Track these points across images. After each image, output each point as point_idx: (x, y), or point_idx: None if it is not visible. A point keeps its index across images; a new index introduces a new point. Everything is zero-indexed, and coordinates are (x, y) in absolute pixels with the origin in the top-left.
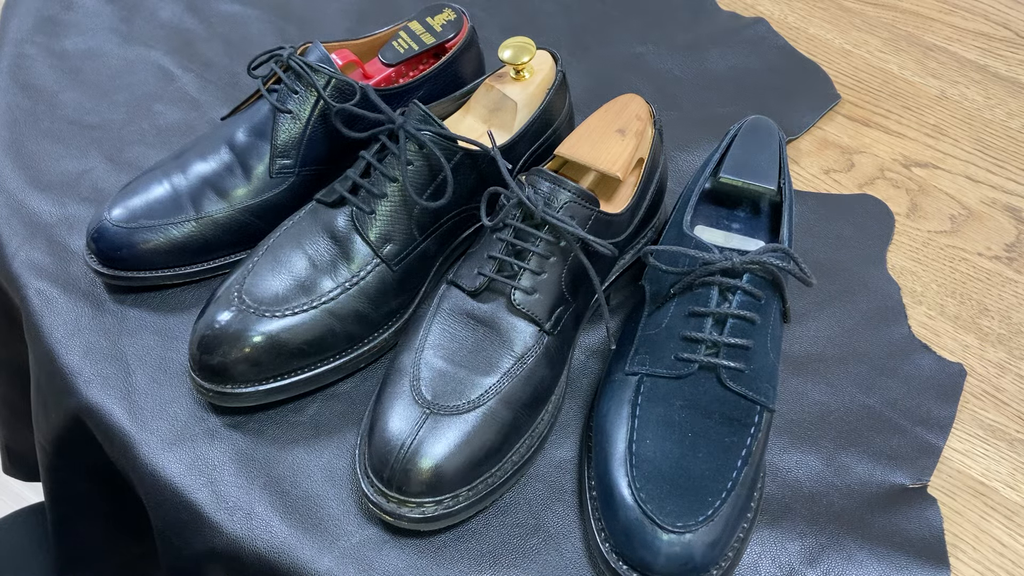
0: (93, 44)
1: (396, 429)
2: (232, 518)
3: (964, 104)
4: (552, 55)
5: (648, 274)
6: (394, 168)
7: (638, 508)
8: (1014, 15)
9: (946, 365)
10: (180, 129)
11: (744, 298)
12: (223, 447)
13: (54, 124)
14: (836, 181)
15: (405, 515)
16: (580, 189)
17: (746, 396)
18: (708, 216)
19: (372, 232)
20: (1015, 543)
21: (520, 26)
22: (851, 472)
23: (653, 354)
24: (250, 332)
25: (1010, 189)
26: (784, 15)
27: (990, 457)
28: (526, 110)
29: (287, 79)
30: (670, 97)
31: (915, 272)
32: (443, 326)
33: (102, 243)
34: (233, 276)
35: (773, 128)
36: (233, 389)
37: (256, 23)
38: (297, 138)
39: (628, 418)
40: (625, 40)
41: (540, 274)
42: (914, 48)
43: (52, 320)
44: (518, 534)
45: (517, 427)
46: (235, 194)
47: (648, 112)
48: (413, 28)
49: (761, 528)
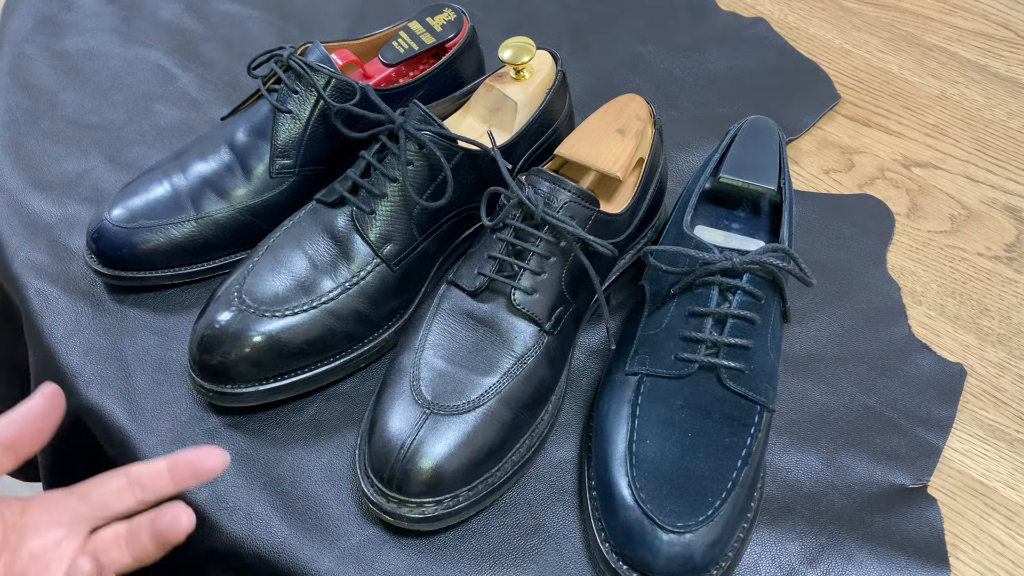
0: (93, 44)
1: (396, 429)
2: (232, 518)
3: (964, 104)
4: (552, 55)
5: (648, 274)
6: (394, 168)
7: (638, 508)
8: (1014, 15)
9: (946, 365)
10: (180, 129)
11: (744, 298)
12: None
13: (54, 124)
14: (836, 181)
15: (405, 515)
16: (580, 189)
17: (746, 396)
18: (708, 216)
19: (372, 232)
20: (1015, 543)
21: (520, 26)
22: (851, 472)
23: (653, 354)
24: (250, 332)
25: (1010, 189)
26: (784, 15)
27: (990, 457)
28: (526, 110)
29: (287, 79)
30: (670, 97)
31: (915, 272)
32: (443, 326)
33: (102, 243)
34: (233, 276)
35: (773, 128)
36: (233, 389)
37: (256, 23)
38: (297, 138)
39: (628, 418)
40: (625, 40)
41: (540, 274)
42: (914, 48)
43: (52, 320)
44: (518, 534)
45: (517, 427)
46: (235, 194)
47: (648, 112)
48: (413, 28)
49: (761, 528)
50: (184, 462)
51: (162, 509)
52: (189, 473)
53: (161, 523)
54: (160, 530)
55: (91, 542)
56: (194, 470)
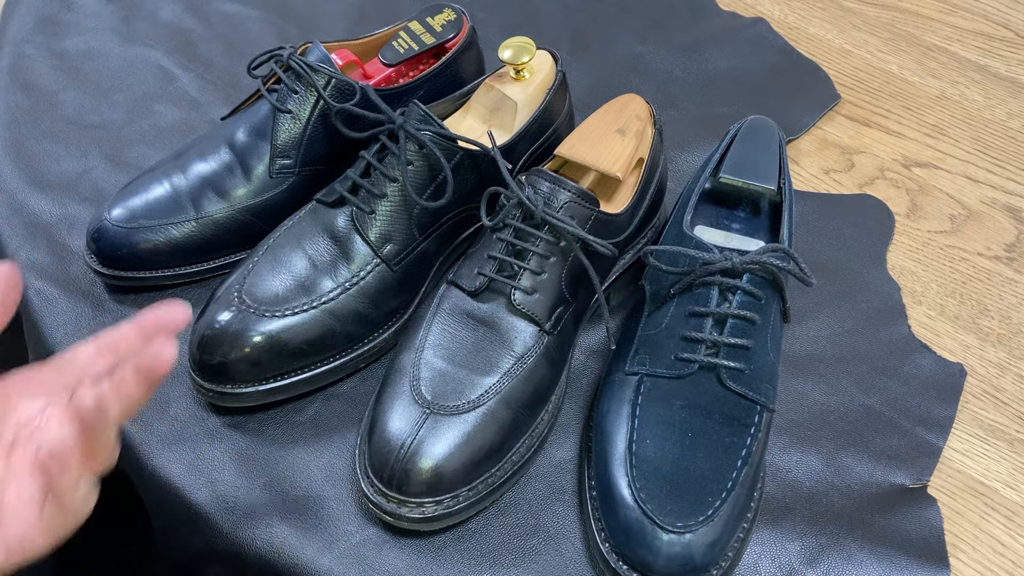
0: (93, 44)
1: (396, 429)
2: (232, 518)
3: (964, 104)
4: (552, 55)
5: (648, 274)
6: (394, 168)
7: (638, 508)
8: (1014, 15)
9: (946, 365)
10: (180, 129)
11: (744, 298)
12: (223, 447)
13: (54, 124)
14: (836, 181)
15: (405, 515)
16: (580, 189)
17: (746, 396)
18: (708, 216)
19: (372, 232)
20: (1015, 543)
21: (520, 26)
22: (851, 472)
23: (653, 354)
24: (250, 332)
25: (1010, 189)
26: (784, 15)
27: (990, 457)
28: (526, 110)
29: (287, 79)
30: (670, 97)
31: (915, 272)
32: (443, 326)
33: (102, 243)
34: (233, 276)
35: (773, 128)
36: (233, 389)
37: (256, 23)
38: (297, 138)
39: (628, 418)
40: (625, 40)
41: (540, 274)
42: (914, 48)
43: (52, 320)
44: (518, 534)
45: (517, 427)
46: (235, 194)
47: (648, 112)
48: (413, 28)
49: (761, 528)
50: (151, 319)
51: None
52: (156, 328)
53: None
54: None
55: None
56: (160, 324)
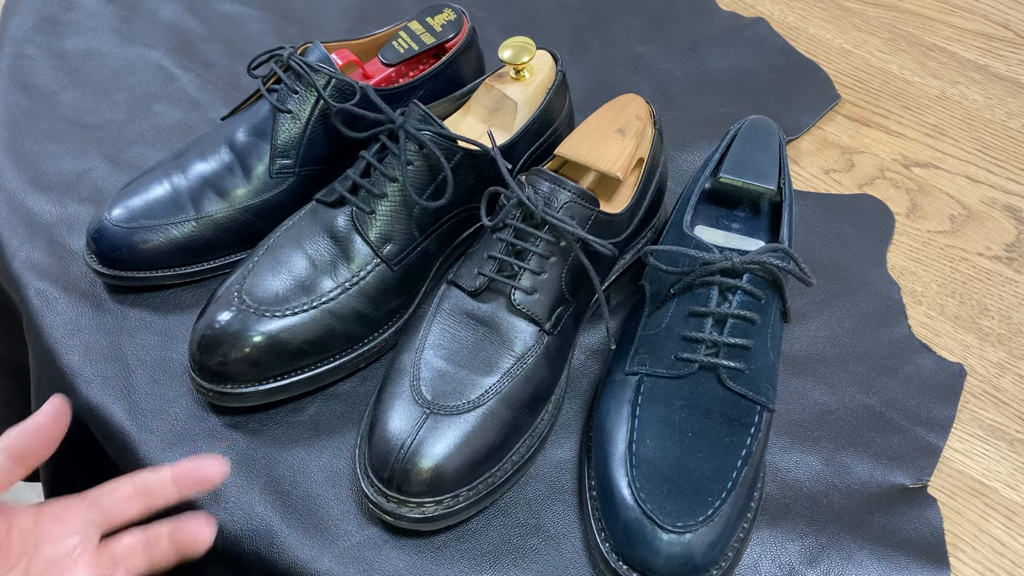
0: (93, 44)
1: (396, 429)
2: (232, 518)
3: (964, 104)
4: (552, 55)
5: (648, 274)
6: (394, 168)
7: (638, 508)
8: (1014, 15)
9: (946, 365)
10: (180, 129)
11: (744, 298)
12: (223, 447)
13: (54, 124)
14: (836, 181)
15: (405, 515)
16: (580, 189)
17: (746, 396)
18: (708, 216)
19: (372, 232)
20: (1015, 543)
21: (520, 26)
22: (851, 472)
23: (653, 354)
24: (250, 332)
25: (1010, 189)
26: (784, 15)
27: (990, 457)
28: (526, 110)
29: (287, 79)
30: (670, 97)
31: (915, 272)
32: (443, 326)
33: (102, 243)
34: (233, 276)
35: (773, 128)
36: (233, 389)
37: (256, 23)
38: (297, 138)
39: (628, 418)
40: (625, 40)
41: (540, 274)
42: (914, 48)
43: (52, 320)
44: (518, 534)
45: (517, 427)
46: (235, 194)
47: (648, 112)
48: (413, 28)
49: (761, 528)
50: (188, 470)
51: (184, 521)
52: (192, 482)
53: (183, 534)
54: (182, 540)
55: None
56: (197, 479)
